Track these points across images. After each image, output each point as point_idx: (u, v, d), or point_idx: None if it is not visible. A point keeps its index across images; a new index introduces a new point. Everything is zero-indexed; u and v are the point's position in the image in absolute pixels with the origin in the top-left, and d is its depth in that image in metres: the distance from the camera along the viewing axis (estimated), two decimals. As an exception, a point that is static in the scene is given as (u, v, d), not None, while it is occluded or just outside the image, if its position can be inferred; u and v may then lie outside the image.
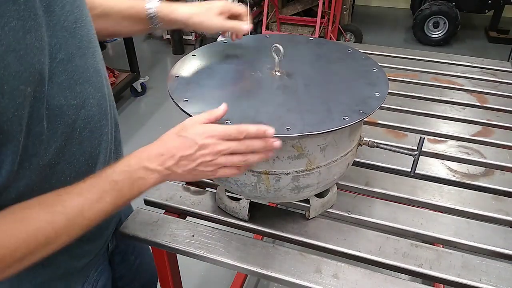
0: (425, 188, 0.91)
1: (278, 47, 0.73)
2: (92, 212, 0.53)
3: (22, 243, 0.48)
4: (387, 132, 1.10)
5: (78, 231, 0.53)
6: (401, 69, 1.44)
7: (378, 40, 4.00)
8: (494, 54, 3.69)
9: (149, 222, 0.84)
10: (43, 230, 0.50)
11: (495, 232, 0.80)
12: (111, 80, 2.82)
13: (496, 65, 1.47)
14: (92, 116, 0.59)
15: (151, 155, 0.57)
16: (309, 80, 0.76)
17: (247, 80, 0.76)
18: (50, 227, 0.50)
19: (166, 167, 0.56)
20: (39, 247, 0.50)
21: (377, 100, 0.69)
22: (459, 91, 1.31)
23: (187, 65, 0.80)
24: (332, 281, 0.71)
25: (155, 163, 0.56)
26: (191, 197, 0.90)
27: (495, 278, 0.71)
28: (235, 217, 0.84)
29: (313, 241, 0.79)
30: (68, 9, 0.51)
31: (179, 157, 0.56)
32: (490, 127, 1.13)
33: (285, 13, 3.62)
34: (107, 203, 0.54)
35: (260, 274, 0.73)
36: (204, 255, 0.77)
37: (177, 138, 0.58)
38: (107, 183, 0.54)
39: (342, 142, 0.70)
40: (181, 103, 0.67)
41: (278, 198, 0.75)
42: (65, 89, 0.52)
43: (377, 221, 0.83)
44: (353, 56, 0.85)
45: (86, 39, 0.56)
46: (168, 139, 0.58)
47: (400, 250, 0.76)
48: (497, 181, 0.93)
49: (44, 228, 0.50)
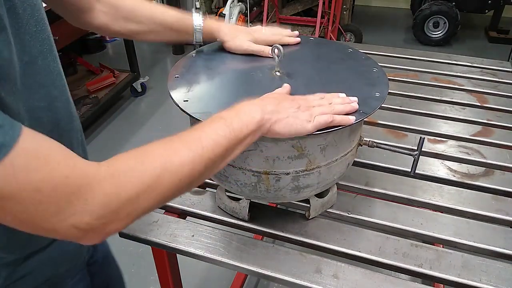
0: (425, 188, 0.91)
1: (278, 47, 0.73)
2: (210, 143, 0.51)
3: (147, 166, 0.47)
4: (387, 132, 1.10)
5: (200, 163, 0.51)
6: (401, 69, 1.44)
7: (378, 40, 4.00)
8: (494, 54, 3.69)
9: (149, 222, 0.84)
10: (167, 156, 0.49)
11: (495, 232, 0.80)
12: (111, 80, 2.82)
13: (496, 65, 1.47)
14: (60, 119, 0.58)
15: (253, 100, 0.59)
16: (309, 80, 0.76)
17: (247, 80, 0.76)
18: (173, 154, 0.49)
19: (268, 105, 0.59)
20: (164, 173, 0.48)
21: (377, 100, 0.69)
22: (459, 91, 1.31)
23: (187, 65, 0.80)
24: (332, 281, 0.71)
25: (257, 103, 0.59)
26: (191, 197, 0.90)
27: (495, 278, 0.71)
28: (235, 217, 0.84)
29: (313, 241, 0.79)
30: (29, 12, 0.51)
31: (280, 101, 0.60)
32: (490, 127, 1.13)
33: (285, 13, 3.62)
34: (221, 136, 0.52)
35: (260, 274, 0.74)
36: (204, 255, 0.77)
37: (273, 94, 0.64)
38: (216, 119, 0.55)
39: (342, 142, 0.70)
40: (181, 103, 0.67)
41: (278, 198, 0.75)
42: (33, 92, 0.51)
43: (377, 221, 0.83)
44: (353, 56, 0.85)
45: (47, 42, 0.55)
46: (266, 95, 0.63)
47: (400, 250, 0.76)
48: (497, 181, 0.93)
49: (168, 155, 0.49)
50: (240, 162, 0.68)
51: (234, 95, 0.72)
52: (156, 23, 0.80)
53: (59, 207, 0.40)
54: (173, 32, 0.82)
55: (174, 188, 0.49)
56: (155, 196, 0.48)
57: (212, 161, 0.52)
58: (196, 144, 0.51)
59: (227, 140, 0.53)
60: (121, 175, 0.45)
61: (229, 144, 0.54)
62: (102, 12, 0.76)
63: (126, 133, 2.62)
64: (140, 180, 0.46)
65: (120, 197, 0.44)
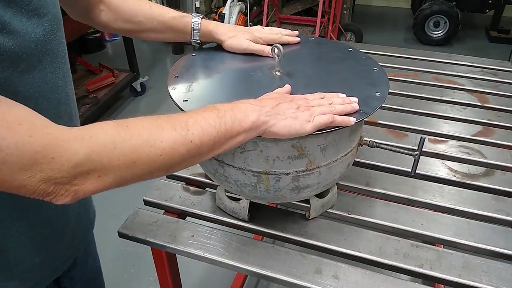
0: (425, 188, 0.90)
1: (278, 47, 0.73)
2: (196, 127, 0.51)
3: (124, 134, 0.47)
4: (388, 132, 1.10)
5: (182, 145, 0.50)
6: (402, 69, 1.44)
7: (379, 40, 4.00)
8: (495, 54, 3.68)
9: (149, 223, 0.83)
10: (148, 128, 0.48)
11: (496, 233, 0.80)
12: (111, 80, 2.82)
13: (497, 65, 1.47)
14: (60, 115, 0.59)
15: (250, 100, 0.59)
16: (309, 80, 0.76)
17: (247, 80, 0.76)
18: (154, 128, 0.49)
19: (265, 106, 0.58)
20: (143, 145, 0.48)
21: (377, 100, 0.69)
22: (460, 91, 1.31)
23: (186, 65, 0.80)
24: (332, 282, 0.71)
25: (255, 102, 0.58)
26: (191, 198, 0.89)
27: (495, 278, 0.71)
28: (235, 218, 0.83)
29: (313, 241, 0.78)
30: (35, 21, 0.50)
31: (278, 102, 0.60)
32: (491, 127, 1.12)
33: (285, 13, 3.62)
34: (210, 125, 0.52)
35: (260, 275, 0.73)
36: (204, 255, 0.77)
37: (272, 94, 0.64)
38: (210, 108, 0.54)
39: (342, 142, 0.69)
40: (181, 103, 0.67)
41: (278, 198, 0.75)
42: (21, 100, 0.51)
43: (377, 221, 0.82)
44: (354, 56, 0.84)
45: (51, 52, 0.55)
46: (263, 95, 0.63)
47: (401, 251, 0.76)
48: (498, 181, 0.93)
49: (149, 127, 0.49)
50: (240, 162, 0.68)
51: (234, 95, 0.71)
52: (155, 23, 0.81)
53: (24, 164, 0.41)
54: (171, 31, 0.83)
55: (152, 163, 0.49)
56: (130, 165, 0.47)
57: (197, 147, 0.52)
58: (181, 126, 0.51)
59: (216, 131, 0.53)
60: (93, 138, 0.45)
61: (218, 135, 0.53)
62: (104, 11, 0.79)
63: (126, 133, 2.62)
64: (115, 145, 0.46)
65: (91, 158, 0.45)
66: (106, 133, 0.46)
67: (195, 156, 0.53)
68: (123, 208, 2.01)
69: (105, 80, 2.80)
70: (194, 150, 0.52)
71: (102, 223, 1.97)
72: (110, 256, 1.78)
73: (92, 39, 3.59)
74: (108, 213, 1.99)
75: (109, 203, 2.04)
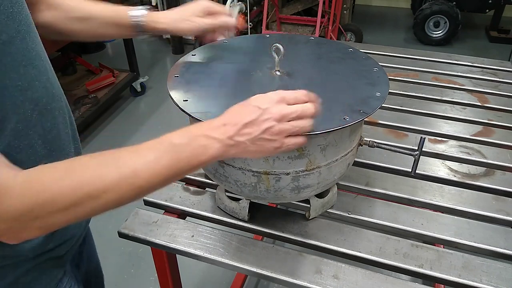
0: (425, 188, 0.90)
1: (278, 46, 0.73)
2: (146, 173, 0.50)
3: (66, 189, 0.47)
4: (388, 132, 1.10)
5: (129, 191, 0.50)
6: (402, 69, 1.44)
7: (379, 40, 4.00)
8: (495, 54, 3.68)
9: (149, 223, 0.83)
10: (91, 180, 0.48)
11: (496, 233, 0.80)
12: (111, 80, 2.82)
13: (497, 65, 1.47)
14: (40, 98, 0.58)
15: (213, 125, 0.54)
16: (309, 79, 0.76)
17: (247, 80, 0.76)
18: (99, 180, 0.48)
19: (228, 136, 0.53)
20: (84, 199, 0.47)
21: (377, 100, 0.69)
22: (460, 91, 1.31)
23: (186, 65, 0.80)
24: (332, 282, 0.71)
25: (217, 132, 0.53)
26: (191, 198, 0.89)
27: (495, 278, 0.71)
28: (235, 218, 0.83)
29: (313, 241, 0.78)
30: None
31: (243, 125, 0.53)
32: (491, 127, 1.12)
33: (285, 13, 3.62)
34: (163, 166, 0.51)
35: (260, 275, 0.73)
36: (204, 255, 0.77)
37: (240, 107, 0.56)
38: (165, 145, 0.52)
39: (342, 142, 0.69)
40: (181, 102, 0.67)
41: (278, 198, 0.75)
42: (10, 71, 0.52)
43: (377, 221, 0.82)
44: (354, 56, 0.84)
45: (24, 23, 0.56)
46: (231, 110, 0.56)
47: (401, 251, 0.76)
48: (498, 181, 0.93)
49: (92, 179, 0.48)
50: (240, 162, 0.68)
51: (234, 94, 0.71)
52: (97, 20, 0.78)
53: None
54: (114, 26, 0.79)
55: (94, 211, 0.50)
56: (70, 215, 0.48)
57: (145, 188, 0.51)
58: (128, 171, 0.49)
59: (167, 170, 0.51)
60: (35, 187, 0.46)
61: (170, 173, 0.52)
62: (46, 11, 0.75)
63: (126, 133, 2.62)
64: (57, 198, 0.47)
65: (31, 210, 0.46)
66: (50, 184, 0.47)
67: (145, 193, 0.53)
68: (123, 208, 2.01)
69: (105, 80, 2.80)
70: (141, 191, 0.51)
71: (102, 223, 1.97)
72: (110, 256, 1.78)
73: (92, 39, 3.58)
74: (108, 213, 1.99)
75: (109, 203, 2.04)
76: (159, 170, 0.51)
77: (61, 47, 2.17)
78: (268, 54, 0.76)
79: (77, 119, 2.41)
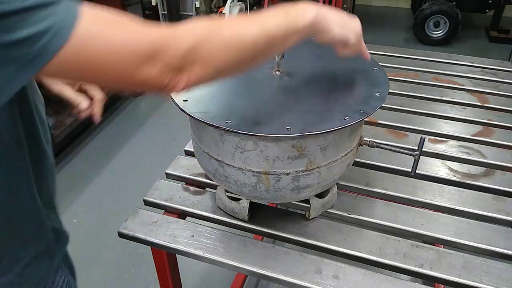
0: (425, 188, 0.90)
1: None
2: (271, 24, 0.56)
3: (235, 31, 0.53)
4: (388, 132, 1.10)
5: (263, 38, 0.55)
6: (402, 69, 1.44)
7: (379, 40, 4.00)
8: (494, 54, 3.68)
9: (149, 223, 0.83)
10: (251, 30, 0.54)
11: (496, 233, 0.80)
12: (111, 80, 2.81)
13: (496, 65, 1.47)
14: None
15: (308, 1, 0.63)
16: (309, 80, 0.76)
17: (247, 80, 0.76)
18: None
19: (322, 11, 0.61)
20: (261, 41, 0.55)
21: (377, 100, 0.69)
22: (460, 91, 1.31)
23: (186, 65, 0.80)
24: (332, 282, 0.71)
25: (313, 4, 0.61)
26: (191, 198, 0.89)
27: (495, 278, 0.71)
28: (235, 217, 0.83)
29: (313, 241, 0.78)
30: None
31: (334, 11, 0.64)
32: (490, 127, 1.12)
33: (285, 13, 3.61)
34: (281, 20, 0.57)
35: (260, 275, 0.73)
36: (204, 255, 0.77)
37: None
38: (273, 9, 0.59)
39: (342, 142, 0.69)
40: (181, 103, 0.67)
41: (278, 198, 0.75)
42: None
43: (377, 221, 0.82)
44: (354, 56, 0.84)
45: None
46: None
47: (401, 251, 0.76)
48: (498, 181, 0.93)
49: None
50: (240, 162, 0.68)
51: (234, 94, 0.71)
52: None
53: (145, 56, 0.45)
54: None
55: (243, 53, 0.54)
56: (224, 55, 0.52)
57: (273, 40, 0.56)
58: (261, 21, 0.56)
59: (285, 24, 0.57)
60: (196, 32, 0.50)
61: (287, 28, 0.58)
62: None
63: (126, 133, 2.62)
64: (210, 39, 0.51)
65: (196, 48, 0.49)
66: (202, 28, 0.51)
67: (270, 48, 0.58)
68: (123, 208, 2.01)
69: (105, 80, 2.80)
70: (271, 42, 0.57)
71: (102, 223, 1.98)
72: (110, 256, 1.78)
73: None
74: (108, 213, 1.99)
75: (109, 203, 2.04)
76: (280, 23, 0.57)
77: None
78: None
79: (77, 120, 2.41)
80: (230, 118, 0.63)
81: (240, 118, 0.63)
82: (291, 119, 0.63)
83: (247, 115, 0.64)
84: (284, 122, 0.62)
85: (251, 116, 0.64)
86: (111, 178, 2.19)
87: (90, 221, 1.94)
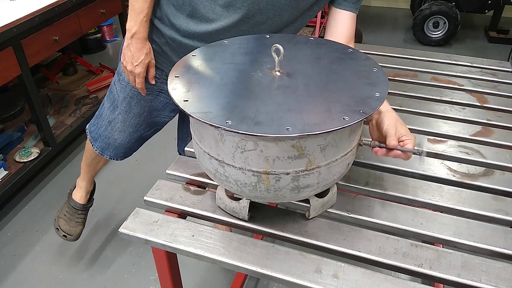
0: (425, 188, 0.91)
1: (278, 47, 0.73)
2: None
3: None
4: (387, 132, 1.10)
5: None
6: (401, 69, 1.44)
7: (378, 40, 4.00)
8: (494, 54, 3.69)
9: (149, 222, 0.84)
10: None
11: (495, 232, 0.80)
12: (111, 80, 2.82)
13: (496, 65, 1.47)
14: None
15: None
16: (309, 80, 0.76)
17: (247, 80, 0.76)
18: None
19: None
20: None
21: (377, 100, 0.69)
22: (459, 91, 1.31)
23: (187, 65, 0.80)
24: (332, 281, 0.71)
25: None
26: (191, 197, 0.90)
27: (495, 278, 0.71)
28: (235, 217, 0.84)
29: (313, 241, 0.79)
30: None
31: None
32: (490, 127, 1.13)
33: (285, 13, 3.61)
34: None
35: (260, 274, 0.74)
36: (204, 255, 0.77)
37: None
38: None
39: (342, 142, 0.70)
40: (181, 103, 0.68)
41: (278, 198, 0.75)
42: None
43: (377, 221, 0.83)
44: (353, 56, 0.85)
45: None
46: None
47: (400, 250, 0.76)
48: (497, 181, 0.93)
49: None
50: (240, 162, 0.68)
51: (234, 94, 0.72)
52: None
53: None
54: None
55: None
56: None
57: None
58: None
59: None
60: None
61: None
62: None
63: (126, 133, 2.62)
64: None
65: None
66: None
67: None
68: (123, 208, 2.02)
69: (106, 81, 2.80)
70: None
71: (102, 223, 1.98)
72: (110, 255, 1.78)
73: (92, 40, 3.58)
74: (108, 213, 1.99)
75: (109, 203, 2.04)
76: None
77: (61, 47, 2.17)
78: (268, 55, 0.76)
79: (78, 119, 2.41)
80: (230, 118, 0.63)
81: (240, 118, 0.64)
82: (291, 119, 0.63)
83: (247, 115, 0.65)
84: (284, 122, 0.63)
85: (251, 116, 0.64)
86: (111, 178, 2.19)
87: (91, 220, 1.94)
